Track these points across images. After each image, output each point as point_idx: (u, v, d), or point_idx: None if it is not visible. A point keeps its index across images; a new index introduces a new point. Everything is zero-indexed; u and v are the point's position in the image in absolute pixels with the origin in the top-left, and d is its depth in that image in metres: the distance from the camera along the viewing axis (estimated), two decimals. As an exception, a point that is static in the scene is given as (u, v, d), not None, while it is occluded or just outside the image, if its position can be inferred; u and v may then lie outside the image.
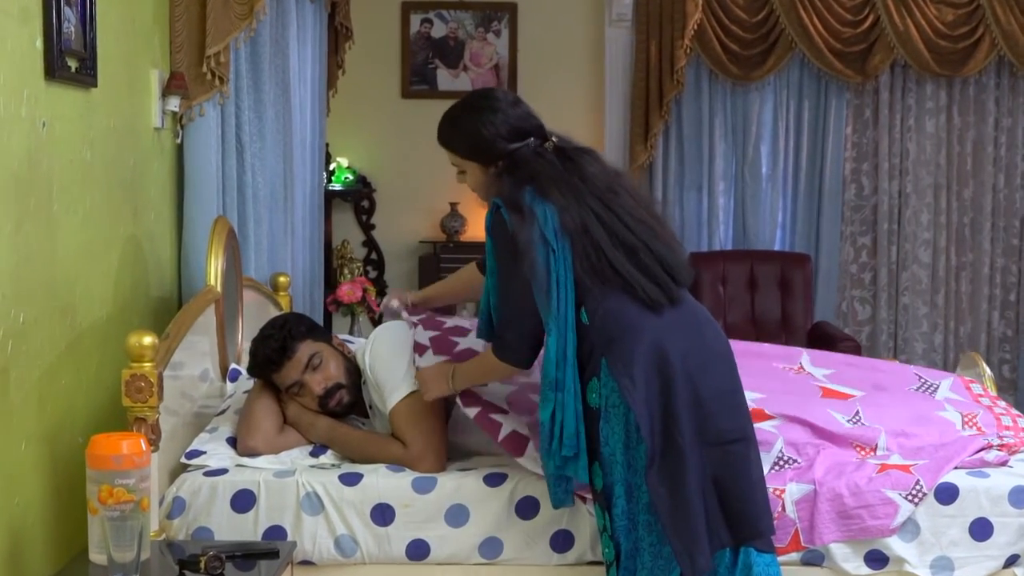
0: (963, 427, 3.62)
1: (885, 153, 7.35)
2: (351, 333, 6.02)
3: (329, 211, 7.17)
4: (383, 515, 3.33)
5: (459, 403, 3.41)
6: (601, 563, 3.18)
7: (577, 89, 7.41)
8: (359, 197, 7.55)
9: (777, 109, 7.39)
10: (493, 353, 3.18)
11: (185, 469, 3.42)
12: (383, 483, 3.36)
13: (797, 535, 3.29)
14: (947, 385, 3.91)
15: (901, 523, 3.30)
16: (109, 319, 3.54)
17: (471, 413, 3.38)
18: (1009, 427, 3.67)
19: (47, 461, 3.10)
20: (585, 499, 3.24)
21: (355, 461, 3.49)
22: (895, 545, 3.31)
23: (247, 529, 3.31)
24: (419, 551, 3.35)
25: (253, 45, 4.58)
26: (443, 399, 3.47)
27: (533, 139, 3.16)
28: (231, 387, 3.91)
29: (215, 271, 3.85)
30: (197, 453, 3.45)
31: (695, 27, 7.06)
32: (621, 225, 3.04)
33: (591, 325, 3.02)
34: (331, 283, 6.84)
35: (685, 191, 7.39)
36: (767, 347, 4.33)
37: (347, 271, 7.07)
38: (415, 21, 7.46)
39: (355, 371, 3.66)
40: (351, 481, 3.36)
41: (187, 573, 2.86)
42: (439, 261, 7.24)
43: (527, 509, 3.35)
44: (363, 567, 3.36)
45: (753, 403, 3.46)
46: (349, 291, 6.22)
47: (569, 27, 7.46)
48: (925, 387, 3.91)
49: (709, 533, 2.99)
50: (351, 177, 7.42)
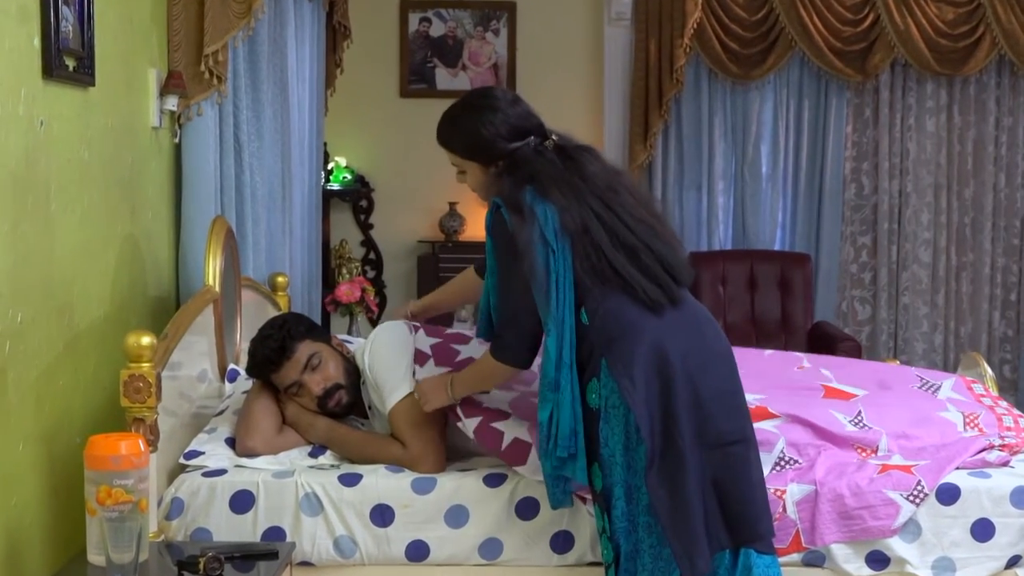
0: (965, 428, 3.61)
1: (885, 152, 7.35)
2: (349, 333, 5.99)
3: (327, 211, 7.17)
4: (382, 516, 3.32)
5: (459, 413, 3.39)
6: (601, 564, 3.17)
7: (576, 88, 7.41)
8: (357, 197, 7.54)
9: (777, 108, 7.39)
10: (492, 355, 3.17)
11: (184, 470, 3.41)
12: (382, 484, 3.36)
13: (798, 536, 3.28)
14: (949, 385, 3.91)
15: (902, 524, 3.29)
16: (107, 319, 3.53)
17: (471, 425, 3.37)
18: (1011, 428, 3.66)
19: (45, 462, 3.09)
20: (585, 500, 3.23)
21: (354, 462, 3.48)
22: (896, 546, 3.31)
23: (246, 530, 3.30)
24: (419, 552, 3.34)
25: (251, 44, 4.57)
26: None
27: (533, 138, 3.15)
28: (229, 387, 3.91)
29: (213, 271, 3.84)
30: (196, 454, 3.44)
31: (695, 26, 7.05)
32: (621, 225, 3.03)
33: (591, 325, 3.01)
34: (329, 283, 6.83)
35: (685, 190, 7.38)
36: (768, 352, 4.33)
37: (345, 271, 7.05)
38: (413, 20, 7.45)
39: (354, 371, 3.65)
40: (350, 482, 3.35)
41: (186, 574, 2.85)
42: (438, 261, 7.23)
43: (527, 510, 3.34)
44: (362, 568, 3.35)
45: (756, 402, 3.47)
46: (348, 291, 6.20)
47: (568, 26, 7.46)
48: (927, 387, 3.90)
49: (708, 535, 2.98)
50: (349, 177, 7.41)
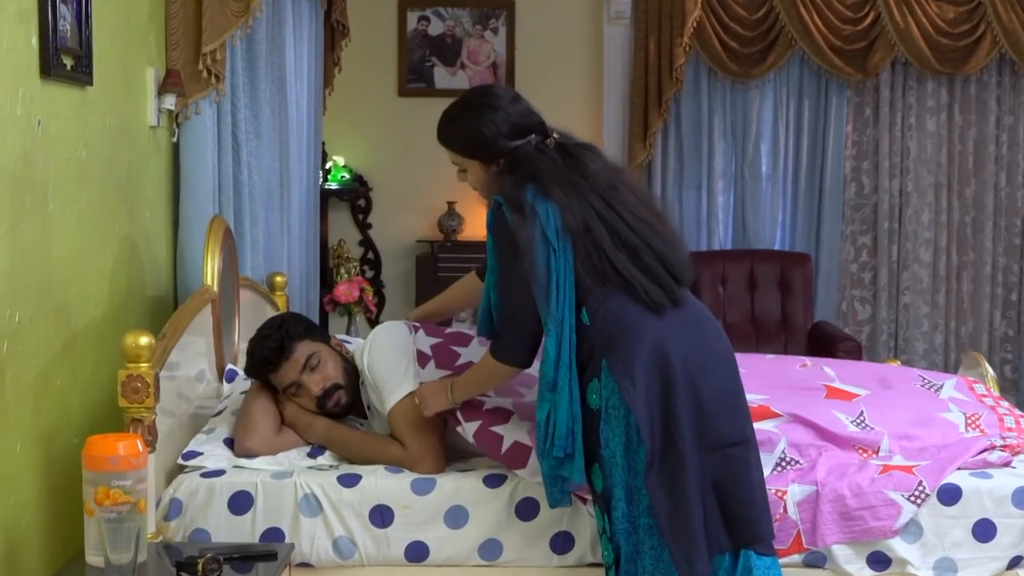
0: (966, 428, 3.60)
1: (886, 152, 7.34)
2: (348, 333, 6.00)
3: (325, 210, 7.15)
4: (382, 516, 3.32)
5: (459, 417, 3.38)
6: (601, 565, 3.16)
7: (575, 87, 7.39)
8: (355, 196, 7.53)
9: (777, 107, 7.38)
10: (491, 355, 3.16)
11: (182, 470, 3.41)
12: (382, 484, 3.35)
13: (799, 537, 3.28)
14: (951, 385, 3.90)
15: (904, 524, 3.28)
16: (105, 319, 3.52)
17: (471, 429, 3.36)
18: (1012, 428, 3.65)
19: (43, 462, 3.08)
20: (585, 500, 3.22)
21: (353, 462, 3.48)
22: (898, 546, 3.30)
23: (245, 531, 3.29)
24: (418, 553, 3.33)
25: (249, 43, 4.56)
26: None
27: (534, 136, 3.14)
28: (228, 388, 3.89)
29: (212, 271, 3.83)
30: (194, 454, 3.43)
31: (694, 24, 7.04)
32: (623, 224, 3.02)
33: (592, 326, 2.99)
34: (327, 283, 6.82)
35: (684, 190, 7.37)
36: (769, 356, 4.33)
37: (343, 271, 7.05)
38: (412, 18, 7.44)
39: (353, 372, 3.64)
40: (349, 482, 3.34)
41: (184, 575, 2.83)
42: (436, 260, 7.21)
43: (527, 510, 3.33)
44: (362, 569, 3.34)
45: (759, 402, 3.46)
46: (346, 291, 6.19)
47: (567, 25, 7.45)
48: (929, 387, 3.90)
49: (708, 537, 2.97)
50: (347, 176, 7.40)
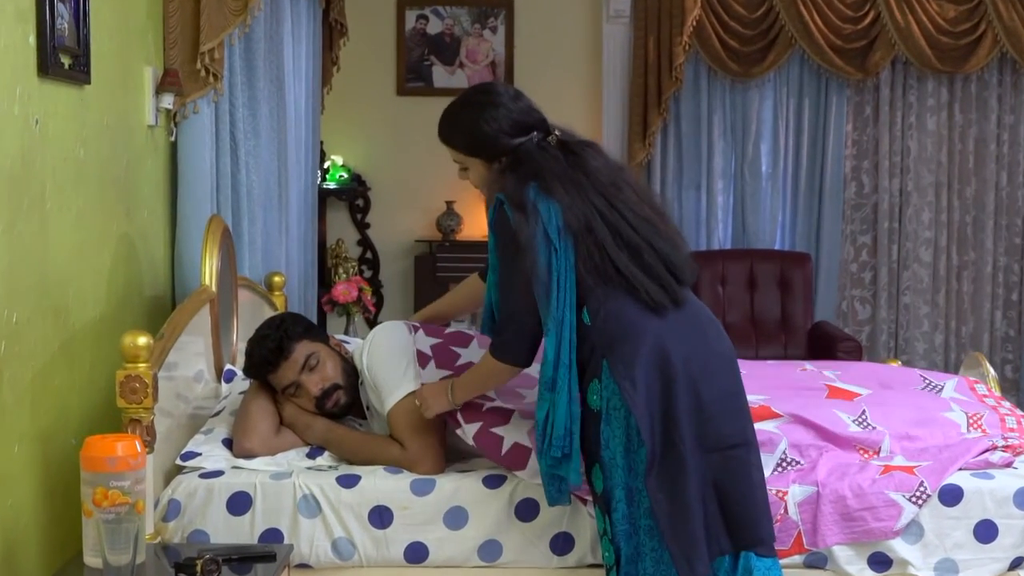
0: (968, 429, 3.60)
1: (886, 151, 7.33)
2: (346, 333, 5.98)
3: (323, 210, 7.15)
4: (381, 517, 3.31)
5: (459, 419, 3.37)
6: (602, 566, 3.15)
7: (575, 86, 7.38)
8: (354, 195, 7.51)
9: (777, 106, 7.37)
10: (491, 354, 3.15)
11: (180, 471, 3.40)
12: (381, 485, 3.34)
13: (800, 537, 3.28)
14: (952, 386, 3.90)
15: (905, 525, 3.28)
16: (102, 319, 3.51)
17: (471, 431, 3.35)
18: (1014, 428, 3.65)
19: (40, 463, 3.07)
20: (585, 501, 3.21)
21: (352, 463, 3.47)
22: (899, 547, 3.30)
23: (243, 532, 3.28)
24: (418, 554, 3.32)
25: (247, 42, 4.54)
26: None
27: (536, 133, 3.12)
28: (226, 388, 3.88)
29: (210, 270, 3.82)
30: (192, 455, 3.42)
31: (694, 23, 7.03)
32: (624, 223, 3.01)
33: (593, 326, 2.99)
34: (325, 283, 6.81)
35: (684, 189, 7.36)
36: (770, 362, 4.34)
37: (342, 271, 7.04)
38: (410, 17, 7.43)
39: (352, 372, 3.63)
40: (349, 483, 3.33)
41: (183, 576, 2.83)
42: (435, 260, 7.20)
43: (527, 511, 3.32)
44: (361, 570, 3.33)
45: (760, 402, 3.45)
46: (344, 291, 6.18)
47: (566, 23, 7.44)
48: (930, 387, 3.89)
49: (708, 539, 2.97)
50: (346, 175, 7.39)
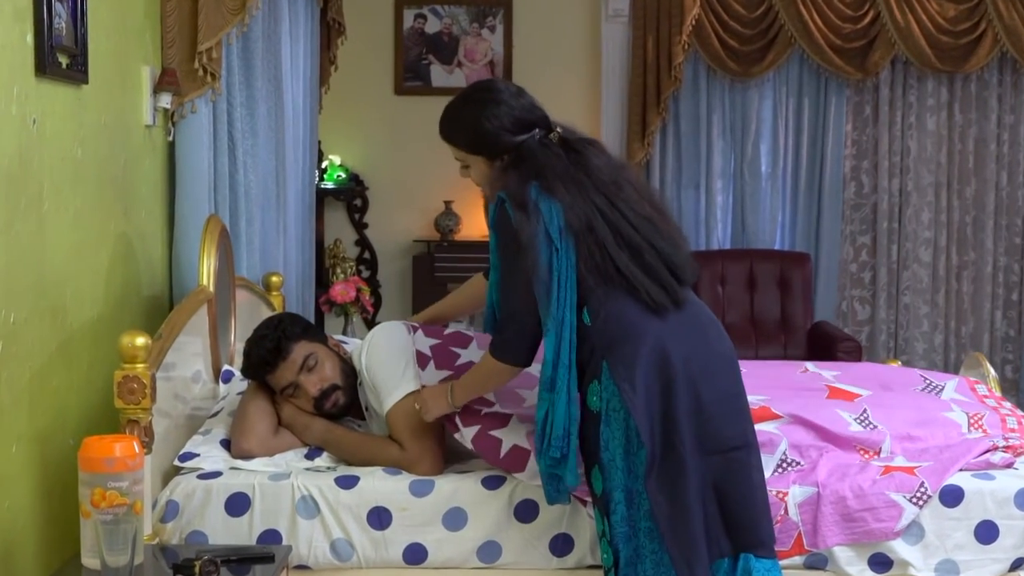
0: (969, 429, 3.59)
1: (885, 151, 7.32)
2: (344, 334, 5.97)
3: (321, 210, 7.13)
4: (380, 518, 3.30)
5: (458, 423, 3.36)
6: (601, 567, 3.13)
7: (573, 86, 7.36)
8: (352, 195, 7.50)
9: (776, 106, 7.36)
10: (491, 354, 3.14)
11: (178, 472, 3.39)
12: (380, 486, 3.33)
13: (800, 538, 3.27)
14: (952, 386, 3.89)
15: (905, 526, 3.27)
16: (100, 319, 3.50)
17: (469, 434, 3.34)
18: (1015, 429, 3.64)
19: (38, 463, 3.06)
20: (585, 502, 3.21)
21: (351, 464, 3.46)
22: (899, 548, 3.29)
23: (242, 533, 3.27)
24: (416, 555, 3.31)
25: (245, 41, 4.54)
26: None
27: (538, 130, 3.10)
28: (224, 388, 3.88)
29: (208, 271, 3.80)
30: (190, 456, 3.41)
31: (693, 22, 7.03)
32: (625, 222, 2.99)
33: (593, 327, 2.97)
34: (323, 283, 6.80)
35: (683, 189, 7.35)
36: (770, 362, 4.32)
37: (339, 271, 7.03)
38: (408, 16, 7.42)
39: (351, 372, 3.61)
40: (347, 484, 3.32)
41: (180, 578, 2.83)
42: (433, 260, 7.18)
43: (526, 512, 3.32)
44: (360, 571, 3.32)
45: (760, 403, 3.44)
46: (342, 291, 6.17)
47: (565, 23, 7.43)
48: (931, 388, 3.88)
49: (708, 542, 2.96)
50: (343, 175, 7.38)
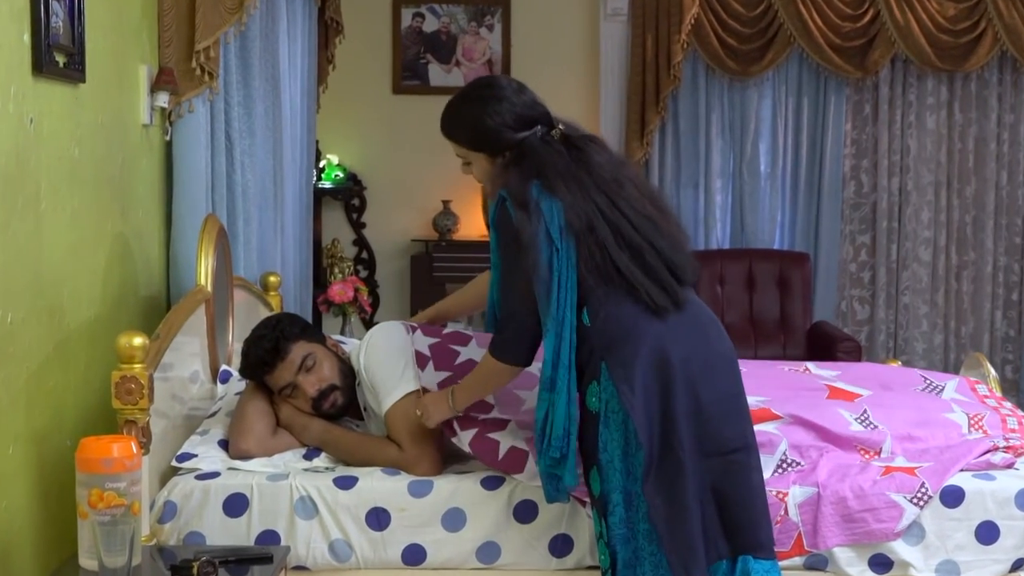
0: (969, 430, 3.58)
1: (885, 150, 7.31)
2: (342, 334, 5.97)
3: (319, 209, 7.11)
4: (378, 519, 3.29)
5: (455, 427, 3.35)
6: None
7: (572, 85, 7.34)
8: (349, 195, 7.49)
9: (775, 105, 7.36)
10: (491, 355, 3.12)
11: (176, 472, 3.38)
12: (378, 487, 3.32)
13: (800, 539, 3.26)
14: (952, 386, 3.89)
15: (906, 526, 3.27)
16: (97, 319, 3.49)
17: (467, 438, 3.33)
18: (1015, 429, 3.63)
19: (35, 464, 3.06)
20: (584, 503, 3.19)
21: (349, 464, 3.45)
22: (900, 549, 3.28)
23: (240, 534, 3.27)
24: (415, 556, 3.31)
25: (242, 40, 4.53)
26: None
27: (540, 127, 3.08)
28: (222, 389, 3.87)
29: (206, 270, 3.79)
30: (188, 456, 3.41)
31: (692, 21, 7.02)
32: (626, 222, 2.97)
33: (592, 327, 2.96)
34: (320, 283, 6.79)
35: (682, 188, 7.34)
36: (770, 363, 4.32)
37: (337, 270, 7.02)
38: (406, 15, 7.41)
39: (349, 372, 3.60)
40: (346, 484, 3.31)
41: (178, 579, 2.83)
42: (431, 260, 7.16)
43: (525, 513, 3.31)
44: (358, 572, 3.32)
45: (760, 404, 3.43)
46: (340, 291, 6.17)
47: (563, 22, 7.42)
48: (931, 388, 3.87)
49: (706, 544, 2.94)
50: (341, 175, 7.36)
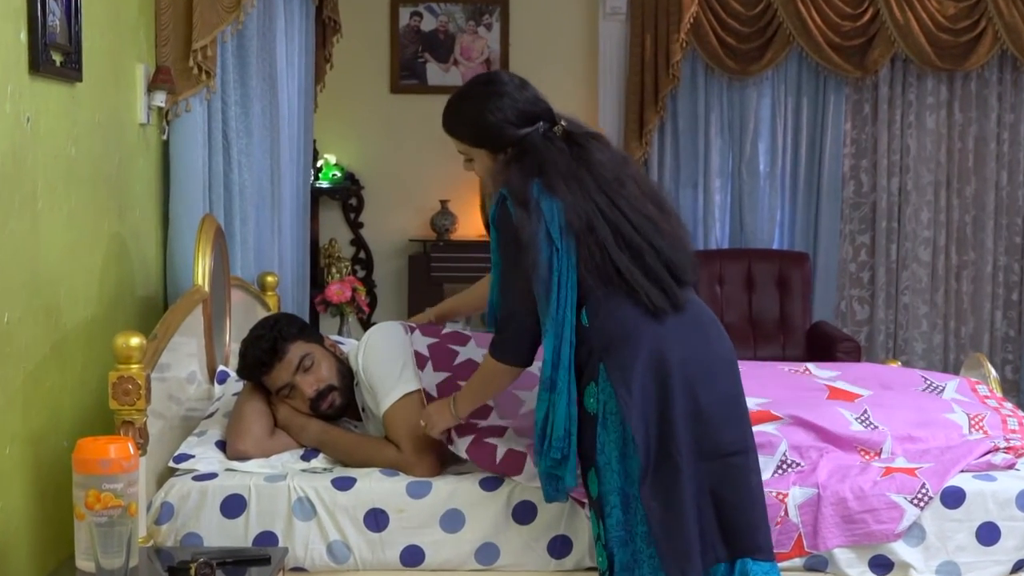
0: (970, 430, 3.58)
1: (884, 150, 7.30)
2: (340, 334, 5.95)
3: (316, 209, 7.11)
4: (377, 520, 3.28)
5: (453, 434, 3.34)
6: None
7: (570, 84, 7.32)
8: (347, 195, 7.48)
9: (775, 104, 7.35)
10: (491, 356, 3.11)
11: (173, 473, 3.37)
12: (377, 487, 3.31)
13: (800, 540, 3.25)
14: (953, 387, 3.88)
15: (906, 527, 3.26)
16: (94, 319, 3.48)
17: (464, 444, 3.32)
18: (1016, 430, 3.62)
19: (31, 465, 3.04)
20: (583, 504, 3.18)
21: (347, 465, 3.44)
22: (900, 550, 3.27)
23: (237, 535, 3.26)
24: (414, 557, 3.30)
25: (240, 39, 4.52)
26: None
27: (542, 123, 3.06)
28: (219, 389, 3.86)
29: (203, 270, 3.78)
30: (185, 457, 3.40)
31: (691, 20, 7.01)
32: (625, 221, 2.95)
33: (591, 328, 2.95)
34: (318, 283, 6.77)
35: (681, 188, 7.33)
36: (770, 364, 4.31)
37: (335, 270, 7.00)
38: (404, 14, 7.40)
39: (348, 373, 3.60)
40: (344, 485, 3.31)
41: (176, 581, 2.82)
42: (429, 260, 7.15)
43: (524, 514, 3.30)
44: (356, 574, 3.31)
45: (760, 406, 3.42)
46: (338, 291, 6.15)
47: (562, 21, 7.41)
48: (931, 388, 3.87)
49: (704, 548, 2.92)
50: (339, 174, 7.35)
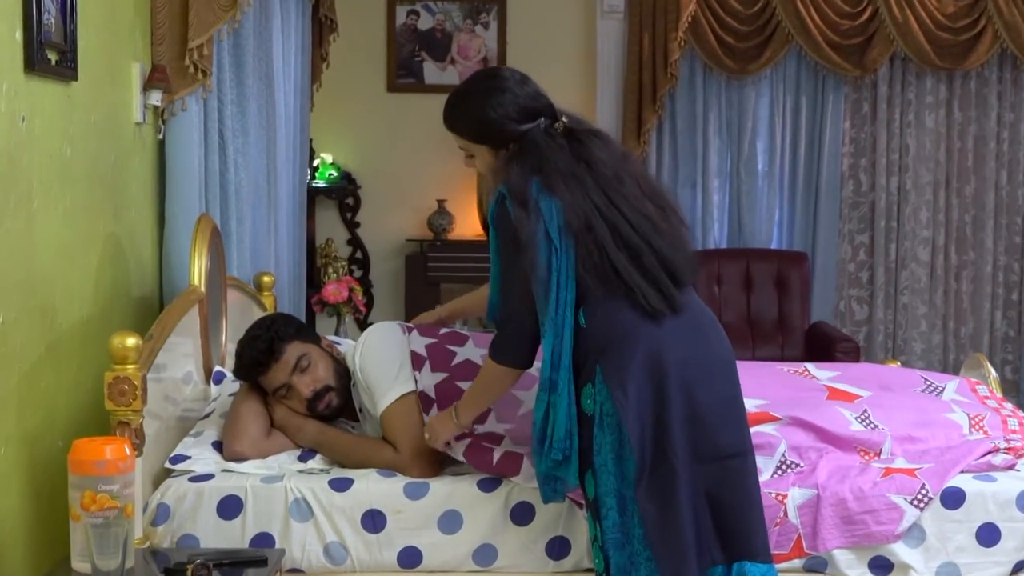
0: (970, 431, 3.57)
1: (884, 149, 7.30)
2: (336, 334, 5.94)
3: (312, 209, 7.11)
4: (374, 521, 3.28)
5: (451, 439, 3.32)
6: (599, 571, 3.11)
7: (568, 83, 7.31)
8: (343, 194, 7.48)
9: (773, 104, 7.35)
10: (491, 358, 3.10)
11: (169, 475, 3.36)
12: (374, 488, 3.31)
13: (799, 541, 3.25)
14: (953, 387, 3.87)
15: (906, 528, 3.25)
16: (90, 319, 3.47)
17: (461, 448, 3.31)
18: (1016, 430, 3.62)
19: (27, 466, 3.03)
20: (581, 505, 3.17)
21: (344, 466, 3.43)
22: (900, 551, 3.27)
23: (234, 536, 3.25)
24: (411, 559, 3.29)
25: (236, 38, 4.51)
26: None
27: (543, 119, 3.04)
28: (215, 390, 3.85)
29: (199, 270, 3.77)
30: (182, 458, 3.39)
31: (689, 19, 7.01)
32: (623, 220, 2.93)
33: (588, 328, 2.93)
34: (314, 283, 6.77)
35: (679, 187, 7.32)
36: (769, 363, 4.31)
37: (331, 270, 6.99)
38: (401, 13, 7.39)
39: (345, 373, 3.59)
40: (341, 487, 3.30)
41: (172, 582, 2.81)
42: (426, 260, 7.16)
43: (522, 515, 3.29)
44: (354, 575, 3.29)
45: (759, 407, 3.41)
46: (335, 291, 6.13)
47: (560, 19, 7.41)
48: (931, 389, 3.85)
49: (700, 551, 2.91)
50: (335, 173, 7.35)
